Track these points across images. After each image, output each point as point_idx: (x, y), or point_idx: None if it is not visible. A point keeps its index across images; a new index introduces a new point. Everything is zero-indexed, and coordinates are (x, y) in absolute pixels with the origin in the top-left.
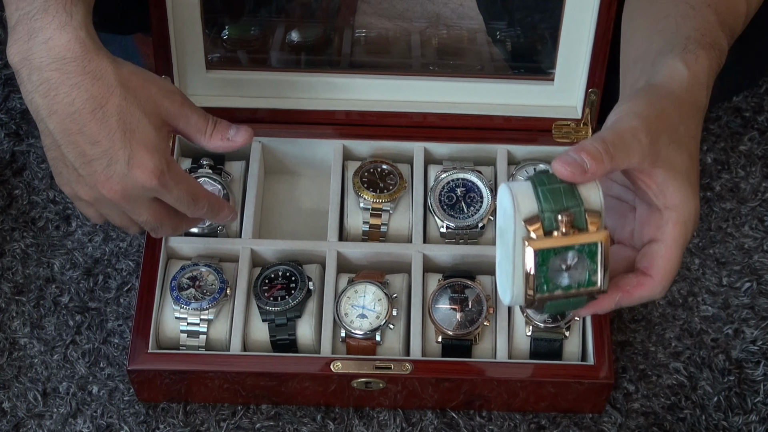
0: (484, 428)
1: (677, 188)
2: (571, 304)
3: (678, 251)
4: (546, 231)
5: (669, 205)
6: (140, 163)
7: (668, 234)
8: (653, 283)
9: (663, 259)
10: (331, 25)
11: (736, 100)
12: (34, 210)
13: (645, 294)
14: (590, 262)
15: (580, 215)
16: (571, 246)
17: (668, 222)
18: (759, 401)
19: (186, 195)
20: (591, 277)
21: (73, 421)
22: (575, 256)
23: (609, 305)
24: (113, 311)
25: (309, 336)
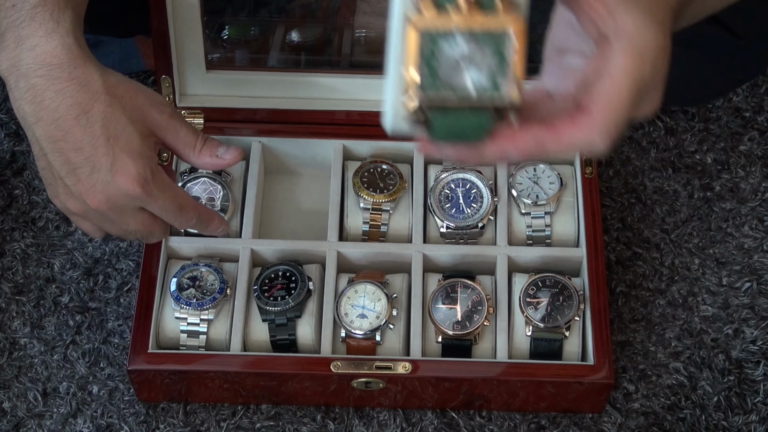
0: (484, 428)
1: (631, 13)
2: (470, 124)
3: (628, 86)
4: (438, 4)
5: (620, 31)
6: (123, 170)
7: (616, 64)
8: (591, 121)
9: (607, 93)
10: (331, 25)
11: (736, 100)
12: (34, 210)
13: (578, 136)
14: (496, 59)
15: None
16: (470, 30)
17: (617, 51)
18: (759, 401)
19: (172, 204)
20: (496, 80)
21: (73, 421)
22: (476, 46)
23: (526, 144)
24: (113, 311)
25: (309, 336)
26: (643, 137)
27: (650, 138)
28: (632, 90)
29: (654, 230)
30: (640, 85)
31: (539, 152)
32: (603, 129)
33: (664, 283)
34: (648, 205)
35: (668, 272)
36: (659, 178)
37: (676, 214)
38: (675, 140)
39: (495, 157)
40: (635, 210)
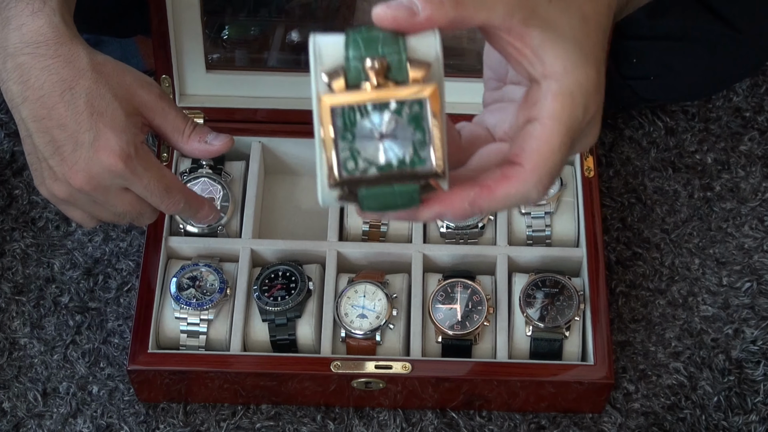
0: (484, 428)
1: (559, 53)
2: (398, 194)
3: (558, 131)
4: (350, 84)
5: (548, 73)
6: (105, 145)
7: (545, 109)
8: (523, 173)
9: (537, 141)
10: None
11: (736, 100)
12: (34, 210)
13: (512, 190)
14: (416, 129)
15: (399, 64)
16: (384, 103)
17: (546, 94)
18: (759, 401)
19: (157, 185)
20: (418, 152)
21: (73, 421)
22: (392, 119)
23: (460, 206)
24: (113, 311)
25: (309, 336)
26: (643, 137)
27: (650, 138)
28: (564, 134)
29: (654, 230)
30: (573, 127)
31: (474, 212)
32: (536, 180)
33: (664, 283)
34: (648, 205)
35: (668, 272)
36: (659, 178)
37: (676, 214)
38: (675, 140)
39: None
40: (635, 210)
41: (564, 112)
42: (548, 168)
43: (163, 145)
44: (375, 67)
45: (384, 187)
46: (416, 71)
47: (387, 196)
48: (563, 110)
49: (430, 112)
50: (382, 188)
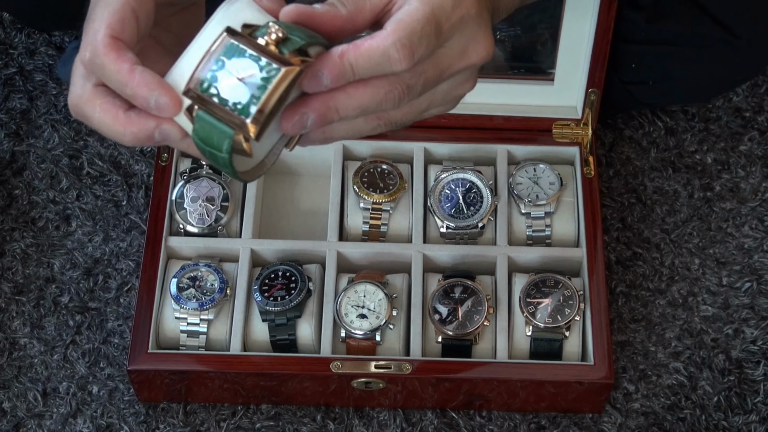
0: (484, 428)
1: None
2: (216, 130)
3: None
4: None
5: None
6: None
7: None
8: (384, 33)
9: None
10: None
11: (736, 100)
12: (34, 210)
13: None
14: (259, 89)
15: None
16: (257, 58)
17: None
18: (759, 401)
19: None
20: (248, 106)
21: (73, 421)
22: (253, 70)
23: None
24: (113, 311)
25: (309, 336)
26: (643, 137)
27: (650, 138)
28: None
29: (654, 230)
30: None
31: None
32: (395, 39)
33: (664, 283)
34: (648, 205)
35: (668, 272)
36: (659, 178)
37: (676, 214)
38: (675, 140)
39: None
40: (635, 210)
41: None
42: (407, 32)
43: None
44: (277, 35)
45: (211, 118)
46: (296, 57)
47: (208, 127)
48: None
49: (277, 83)
50: (209, 117)
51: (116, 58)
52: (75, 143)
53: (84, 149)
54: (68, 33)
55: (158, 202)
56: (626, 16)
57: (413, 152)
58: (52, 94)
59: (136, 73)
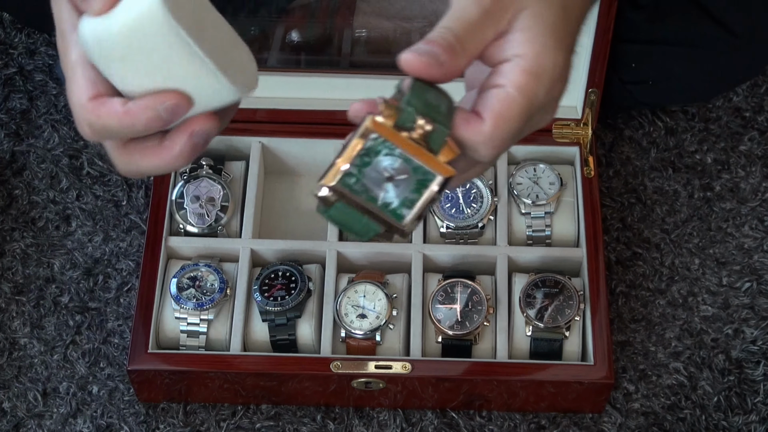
0: (484, 428)
1: (534, 38)
2: (362, 224)
3: (520, 103)
4: (397, 124)
5: (520, 53)
6: None
7: (513, 80)
8: (482, 125)
9: (500, 104)
10: (331, 25)
11: (736, 100)
12: (34, 210)
13: (469, 134)
14: (414, 192)
15: (440, 139)
16: (410, 157)
17: (515, 68)
18: (759, 401)
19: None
20: (401, 209)
21: (73, 421)
22: (407, 173)
23: None
24: (113, 311)
25: (309, 336)
26: (643, 137)
27: (650, 138)
28: (524, 107)
29: (654, 230)
30: (533, 104)
31: None
32: (489, 137)
33: (664, 283)
34: (648, 205)
35: (668, 272)
36: (659, 178)
37: (676, 214)
38: (675, 140)
39: None
40: (635, 210)
41: (528, 87)
42: (503, 131)
43: None
44: (423, 129)
45: (357, 212)
46: (447, 154)
47: (353, 220)
48: (527, 86)
49: (433, 189)
50: (355, 212)
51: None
52: (75, 143)
53: (84, 149)
54: None
55: (158, 202)
56: (626, 16)
57: None
58: (52, 94)
59: (130, 106)
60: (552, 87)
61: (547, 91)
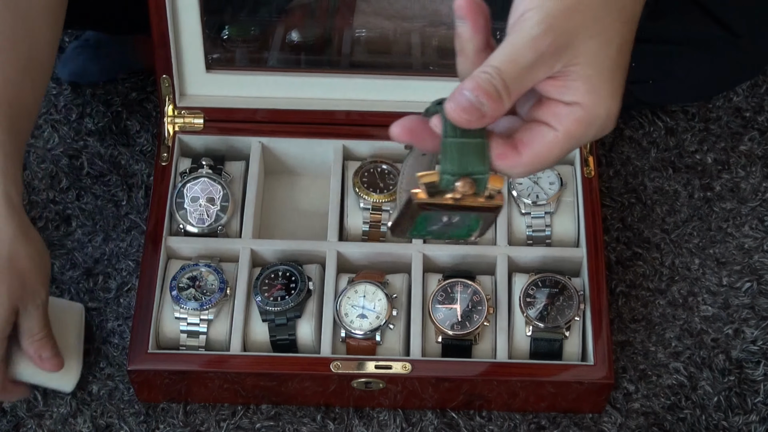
0: (484, 428)
1: (592, 88)
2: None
3: (565, 146)
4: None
5: (578, 102)
6: None
7: (565, 126)
8: (517, 159)
9: (544, 146)
10: (331, 25)
11: (736, 100)
12: (34, 210)
13: (503, 166)
14: (474, 222)
15: (483, 183)
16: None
17: (570, 116)
18: (759, 401)
19: None
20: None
21: (73, 421)
22: (462, 218)
23: None
24: (113, 311)
25: (309, 336)
26: (643, 137)
27: (650, 138)
28: (568, 149)
29: (654, 230)
30: (578, 144)
31: None
32: (525, 169)
33: (664, 283)
34: (648, 205)
35: (668, 272)
36: (659, 178)
37: (676, 214)
38: (675, 140)
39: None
40: (635, 210)
41: (578, 132)
42: (539, 164)
43: (163, 144)
44: (464, 189)
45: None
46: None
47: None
48: (578, 131)
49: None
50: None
51: None
52: (75, 143)
53: (84, 149)
54: (68, 33)
55: (158, 202)
56: None
57: None
58: (52, 94)
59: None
60: (599, 132)
61: (595, 134)
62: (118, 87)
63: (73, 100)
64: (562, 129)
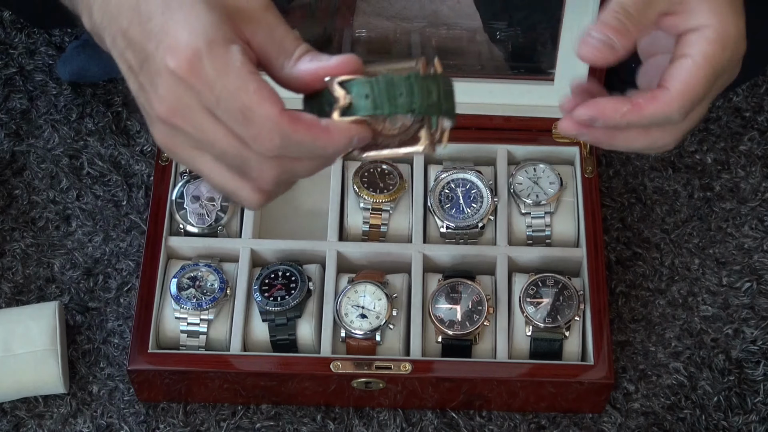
0: (484, 428)
1: (715, 7)
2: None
3: (706, 69)
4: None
5: (705, 23)
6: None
7: (700, 50)
8: (669, 96)
9: (686, 72)
10: (331, 25)
11: (736, 100)
12: (34, 210)
13: (658, 109)
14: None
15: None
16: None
17: (702, 38)
18: (759, 401)
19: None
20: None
21: (73, 421)
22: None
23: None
24: (113, 311)
25: (309, 336)
26: None
27: None
28: (710, 73)
29: (654, 230)
30: (718, 69)
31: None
32: (680, 104)
33: (664, 283)
34: (648, 205)
35: (668, 272)
36: (659, 178)
37: (676, 214)
38: None
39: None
40: (635, 210)
41: (715, 55)
42: (691, 96)
43: None
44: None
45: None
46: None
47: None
48: (714, 54)
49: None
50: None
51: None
52: (75, 143)
53: (84, 149)
54: (68, 32)
55: (158, 202)
56: None
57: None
58: (52, 94)
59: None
60: (736, 51)
61: (732, 55)
62: (118, 87)
63: (73, 100)
64: (698, 52)
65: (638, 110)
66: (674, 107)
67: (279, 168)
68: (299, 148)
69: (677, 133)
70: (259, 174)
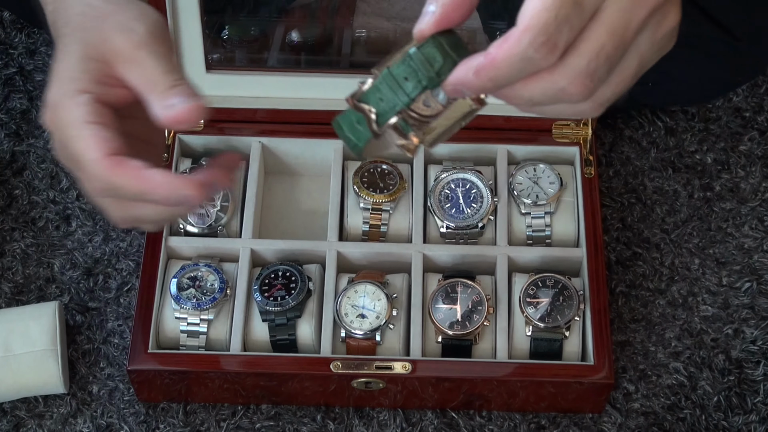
0: (484, 428)
1: None
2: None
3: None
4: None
5: None
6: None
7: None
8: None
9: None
10: (331, 25)
11: (736, 100)
12: (34, 210)
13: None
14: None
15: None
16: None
17: None
18: (759, 401)
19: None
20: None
21: (73, 421)
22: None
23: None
24: (113, 311)
25: (309, 336)
26: (643, 137)
27: (650, 138)
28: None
29: (654, 230)
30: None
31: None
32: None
33: (664, 283)
34: (648, 205)
35: (668, 272)
36: (659, 178)
37: (676, 214)
38: (675, 140)
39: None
40: (635, 210)
41: None
42: (540, 27)
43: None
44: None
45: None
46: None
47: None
48: None
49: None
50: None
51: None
52: None
53: None
54: None
55: None
56: None
57: None
58: None
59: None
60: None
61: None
62: None
63: None
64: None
65: (491, 61)
66: (525, 42)
67: (119, 209)
68: (125, 192)
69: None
70: (108, 212)
